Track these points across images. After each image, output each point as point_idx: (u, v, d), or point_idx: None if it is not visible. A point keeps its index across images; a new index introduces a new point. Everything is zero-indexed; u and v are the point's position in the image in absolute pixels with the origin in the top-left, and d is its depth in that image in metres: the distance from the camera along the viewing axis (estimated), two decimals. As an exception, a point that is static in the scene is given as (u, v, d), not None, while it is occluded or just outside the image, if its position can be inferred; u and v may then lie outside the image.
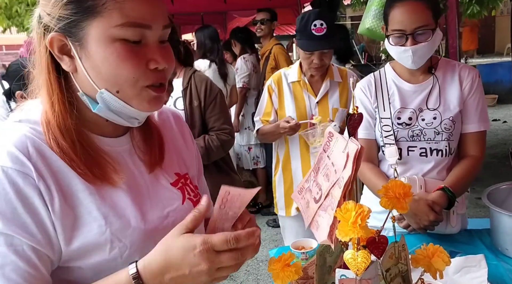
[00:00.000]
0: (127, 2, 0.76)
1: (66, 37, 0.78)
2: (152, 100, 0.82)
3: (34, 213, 0.76)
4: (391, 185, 0.81)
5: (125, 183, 0.86)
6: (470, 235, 1.76)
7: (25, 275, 0.74)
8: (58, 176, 0.79)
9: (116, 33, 0.76)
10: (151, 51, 0.80)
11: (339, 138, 0.77)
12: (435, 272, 0.85)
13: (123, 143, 0.91)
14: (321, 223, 0.79)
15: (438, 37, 1.67)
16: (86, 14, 0.76)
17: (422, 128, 1.73)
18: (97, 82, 0.80)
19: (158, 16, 0.79)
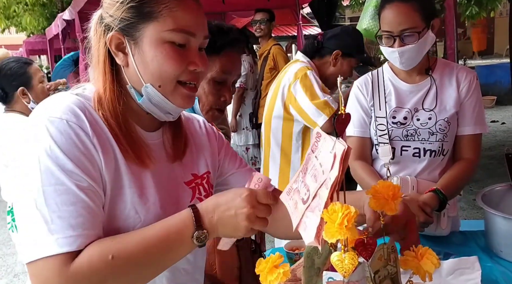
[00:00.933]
0: (179, 12, 0.92)
1: (123, 36, 0.93)
2: (185, 97, 0.97)
3: (93, 161, 0.88)
4: (380, 186, 0.80)
5: (153, 169, 0.98)
6: (465, 237, 1.75)
7: (92, 212, 0.86)
8: (106, 141, 0.92)
9: (167, 36, 0.91)
10: (192, 55, 0.95)
11: (327, 139, 0.77)
12: (424, 274, 0.84)
13: (155, 137, 1.04)
14: (308, 224, 0.78)
15: (430, 38, 1.66)
16: (144, 18, 0.91)
17: (416, 128, 1.73)
18: (144, 76, 0.94)
19: (201, 27, 0.96)
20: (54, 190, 0.83)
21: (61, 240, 0.81)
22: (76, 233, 0.82)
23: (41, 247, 0.81)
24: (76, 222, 0.83)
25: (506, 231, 1.52)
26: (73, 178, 0.84)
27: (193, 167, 1.11)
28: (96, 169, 0.88)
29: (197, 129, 1.19)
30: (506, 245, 1.53)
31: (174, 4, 0.92)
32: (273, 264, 0.87)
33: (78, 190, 0.84)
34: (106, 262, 0.82)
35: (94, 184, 0.87)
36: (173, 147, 1.06)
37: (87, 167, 0.87)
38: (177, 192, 1.04)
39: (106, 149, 0.91)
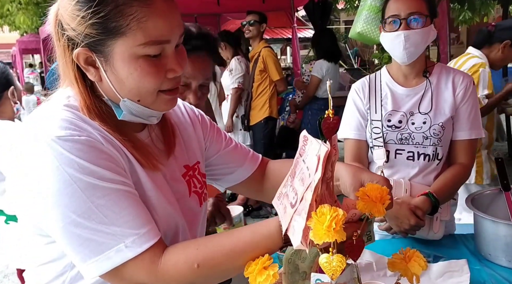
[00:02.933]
0: (149, 21, 0.82)
1: (92, 52, 0.85)
2: (168, 102, 0.93)
3: (119, 163, 0.87)
4: (368, 188, 0.80)
5: (163, 170, 0.98)
6: (455, 240, 1.76)
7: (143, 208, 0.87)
8: (118, 147, 0.90)
9: (140, 51, 0.83)
10: (170, 61, 0.88)
11: (313, 142, 0.77)
12: (412, 277, 0.85)
13: (144, 137, 1.00)
14: (296, 228, 0.78)
15: (432, 33, 1.68)
16: (111, 34, 0.82)
17: (411, 132, 1.74)
18: (120, 92, 0.88)
19: (176, 29, 0.87)
20: (106, 201, 0.82)
21: (139, 240, 0.82)
22: (148, 228, 0.84)
23: (120, 254, 0.81)
24: (141, 220, 0.84)
25: (494, 235, 1.53)
26: (116, 183, 0.84)
27: (184, 159, 1.09)
28: (123, 169, 0.88)
29: (180, 117, 1.15)
30: (495, 248, 1.54)
31: (142, 13, 0.81)
32: (263, 266, 0.87)
33: (124, 192, 0.85)
34: (192, 269, 0.84)
35: (131, 183, 0.88)
36: (164, 142, 1.04)
37: (119, 170, 0.86)
38: (175, 187, 1.03)
39: (122, 154, 0.90)
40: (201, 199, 1.10)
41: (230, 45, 4.68)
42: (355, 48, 14.04)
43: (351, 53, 13.47)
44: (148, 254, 0.83)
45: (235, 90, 4.58)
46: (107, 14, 0.81)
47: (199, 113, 1.21)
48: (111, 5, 0.81)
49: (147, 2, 0.82)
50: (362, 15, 3.24)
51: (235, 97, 4.59)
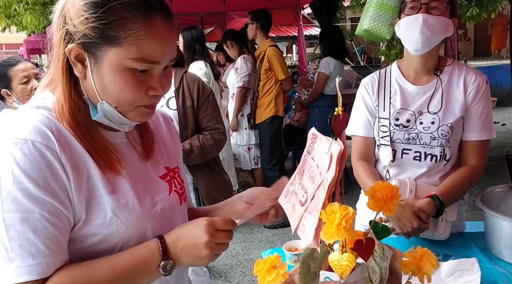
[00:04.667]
0: (146, 41, 0.86)
1: (84, 51, 0.88)
2: (144, 115, 0.96)
3: (60, 182, 0.86)
4: (378, 186, 0.79)
5: (125, 171, 0.97)
6: (464, 238, 1.74)
7: (55, 238, 0.85)
8: (74, 153, 0.89)
9: (129, 64, 0.87)
10: (154, 80, 0.91)
11: (323, 140, 0.76)
12: (423, 276, 0.84)
13: (121, 136, 1.01)
14: (307, 226, 0.77)
15: (450, 28, 1.63)
16: (107, 41, 0.86)
17: (418, 132, 1.70)
18: (101, 95, 0.91)
19: (168, 53, 0.91)
20: (14, 217, 0.81)
21: (20, 269, 0.81)
22: (36, 262, 0.82)
23: (2, 275, 0.81)
24: (36, 250, 0.82)
25: (506, 233, 1.51)
26: (37, 203, 0.83)
27: (165, 160, 1.11)
28: (63, 189, 0.86)
29: (161, 123, 1.17)
30: (506, 246, 1.52)
31: (143, 32, 0.86)
32: (272, 265, 0.86)
33: (40, 216, 0.83)
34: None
35: (60, 206, 0.85)
36: (142, 145, 1.06)
37: (53, 188, 0.85)
38: (154, 188, 1.04)
39: (76, 162, 0.89)
40: (181, 198, 1.12)
41: (236, 43, 4.68)
42: (362, 46, 13.99)
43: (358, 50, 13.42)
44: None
45: (240, 89, 4.58)
46: (110, 22, 0.85)
47: (175, 129, 1.24)
48: (116, 16, 0.85)
49: (149, 23, 0.86)
50: (369, 12, 3.21)
51: (240, 97, 4.58)
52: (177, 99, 2.32)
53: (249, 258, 3.80)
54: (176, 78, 2.35)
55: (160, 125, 1.16)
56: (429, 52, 1.67)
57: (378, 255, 0.87)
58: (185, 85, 2.34)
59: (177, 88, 2.33)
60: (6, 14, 9.60)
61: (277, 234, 4.26)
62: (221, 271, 3.61)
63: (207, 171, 2.44)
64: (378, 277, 0.86)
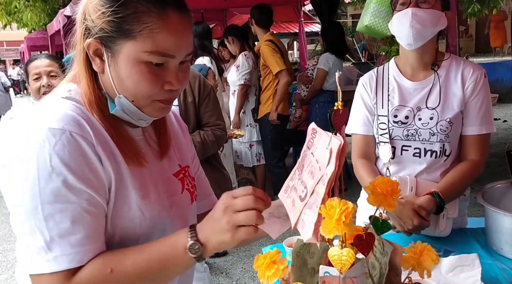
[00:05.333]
0: (160, 33, 0.86)
1: (102, 45, 0.90)
2: (160, 110, 0.96)
3: (97, 172, 0.88)
4: (378, 181, 0.79)
5: (148, 166, 0.99)
6: (465, 234, 1.74)
7: (91, 226, 0.87)
8: (106, 146, 0.91)
9: (144, 57, 0.87)
10: (170, 74, 0.91)
11: (323, 134, 0.76)
12: (423, 271, 0.84)
13: (138, 133, 1.03)
14: (306, 221, 0.77)
15: (442, 21, 1.62)
16: (123, 34, 0.87)
17: (417, 128, 1.69)
18: (118, 89, 0.92)
19: (183, 47, 0.91)
20: (53, 207, 0.83)
21: (60, 258, 0.83)
22: (75, 250, 0.84)
23: (40, 263, 0.83)
24: (75, 239, 0.85)
25: (506, 229, 1.51)
26: (75, 193, 0.85)
27: (177, 158, 1.12)
28: (99, 179, 0.89)
29: (172, 120, 1.18)
30: (507, 242, 1.52)
31: (157, 25, 0.86)
32: (271, 260, 0.86)
33: (78, 206, 0.85)
34: (105, 276, 0.86)
35: (96, 196, 0.88)
36: (159, 143, 1.07)
37: (90, 179, 0.87)
38: (169, 186, 1.05)
39: (108, 153, 0.91)
40: (193, 196, 1.12)
41: (237, 39, 4.66)
42: (363, 42, 13.96)
43: (359, 47, 13.40)
44: (62, 274, 0.84)
45: (241, 87, 4.56)
46: (125, 16, 0.86)
47: (185, 126, 1.25)
48: (131, 10, 0.86)
49: (163, 16, 0.87)
50: (369, 8, 3.21)
51: (241, 94, 4.57)
52: (178, 95, 2.32)
53: (249, 254, 3.80)
54: None
55: (171, 122, 1.17)
56: (424, 47, 1.66)
57: (378, 250, 0.87)
58: (186, 82, 2.34)
59: (178, 84, 2.34)
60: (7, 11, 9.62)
61: (278, 231, 4.26)
62: (222, 267, 3.61)
63: (208, 167, 2.44)
64: (377, 272, 0.86)
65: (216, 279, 3.41)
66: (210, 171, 2.46)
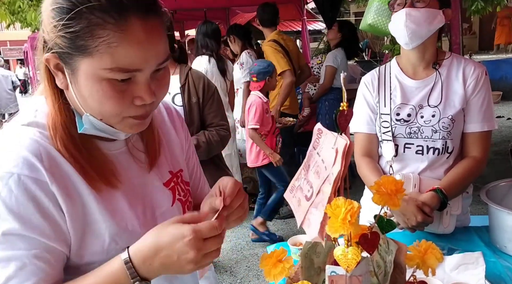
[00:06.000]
0: (120, 48, 0.75)
1: (60, 60, 0.80)
2: (134, 126, 0.86)
3: (49, 216, 0.81)
4: (383, 181, 0.80)
5: (123, 186, 0.91)
6: (469, 232, 1.75)
7: (42, 275, 0.80)
8: (67, 180, 0.83)
9: (105, 74, 0.77)
10: (139, 89, 0.80)
11: (328, 135, 0.77)
12: (428, 269, 0.85)
13: (119, 146, 0.94)
14: (312, 221, 0.78)
15: (439, 18, 1.63)
16: (78, 51, 0.77)
17: (420, 125, 1.71)
18: (83, 107, 0.83)
19: (152, 58, 0.79)
20: (1, 255, 0.78)
21: None
22: None
23: None
24: None
25: (510, 227, 1.52)
26: (22, 241, 0.78)
27: (168, 165, 1.03)
28: (55, 224, 0.82)
29: (164, 118, 1.07)
30: (510, 240, 1.52)
31: (115, 38, 0.74)
32: (277, 259, 0.87)
33: (27, 253, 0.79)
34: None
35: (51, 242, 0.81)
36: (146, 152, 0.97)
37: (41, 226, 0.80)
38: (155, 199, 0.97)
39: (69, 190, 0.83)
40: (185, 207, 1.04)
41: (239, 38, 4.67)
42: (366, 40, 13.93)
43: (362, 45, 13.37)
44: None
45: (246, 84, 4.57)
46: (77, 31, 0.75)
47: (181, 117, 1.14)
48: (83, 23, 0.75)
49: (121, 28, 0.75)
50: (373, 6, 3.22)
51: (246, 92, 4.58)
52: (182, 96, 2.33)
53: (254, 252, 3.82)
54: (181, 75, 2.37)
55: (163, 120, 1.07)
56: (423, 45, 1.68)
57: (383, 249, 0.88)
58: (190, 82, 2.35)
59: (182, 85, 2.35)
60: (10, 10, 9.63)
61: (281, 229, 4.28)
62: (226, 266, 3.63)
63: (212, 167, 2.46)
64: (382, 270, 0.87)
65: (221, 278, 3.43)
66: (214, 171, 2.47)
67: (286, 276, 0.90)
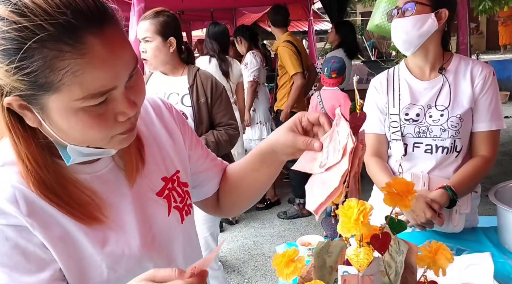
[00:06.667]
0: (86, 74, 0.67)
1: (25, 102, 0.71)
2: (123, 142, 0.81)
3: (38, 261, 0.77)
4: (394, 182, 0.81)
5: (112, 216, 0.86)
6: (477, 233, 1.75)
7: None
8: (51, 221, 0.79)
9: (78, 104, 0.70)
10: (119, 105, 0.74)
11: (345, 125, 0.80)
12: (438, 270, 0.86)
13: (103, 165, 0.88)
14: (315, 191, 0.81)
15: (430, 22, 1.66)
16: (42, 90, 0.68)
17: (428, 125, 1.73)
18: (65, 140, 0.76)
19: (122, 73, 0.72)
20: None
21: None
22: None
23: None
24: None
25: (519, 228, 1.53)
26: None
27: (161, 171, 0.96)
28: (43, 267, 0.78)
29: (152, 119, 1.00)
30: (519, 241, 1.53)
31: (77, 66, 0.66)
32: (289, 258, 0.89)
33: None
34: None
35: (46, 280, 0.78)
36: (128, 163, 0.90)
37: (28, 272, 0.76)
38: (150, 213, 0.92)
39: (53, 231, 0.79)
40: (182, 213, 0.99)
41: (245, 39, 4.72)
42: (372, 40, 13.91)
43: (368, 45, 13.35)
44: None
45: (250, 84, 4.60)
46: (34, 70, 0.66)
47: (176, 113, 1.06)
48: (38, 61, 0.66)
49: (81, 52, 0.66)
50: (380, 7, 3.23)
51: (251, 91, 4.61)
52: (191, 96, 2.35)
53: (261, 252, 3.83)
54: (189, 75, 2.39)
55: (151, 121, 0.99)
56: (424, 48, 1.72)
57: (394, 249, 0.89)
58: (198, 82, 2.37)
59: (191, 85, 2.37)
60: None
61: (288, 229, 4.29)
62: (234, 265, 3.65)
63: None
64: (393, 271, 0.89)
65: (228, 277, 3.45)
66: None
67: (298, 276, 0.91)
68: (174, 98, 2.35)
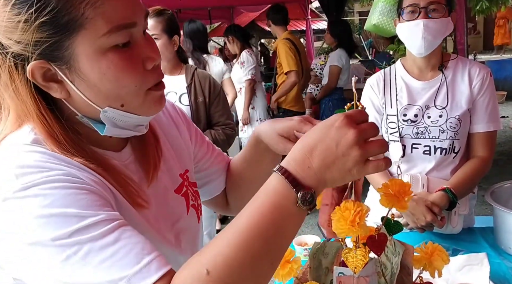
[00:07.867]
0: (106, 5, 0.67)
1: (49, 63, 0.69)
2: (157, 101, 0.77)
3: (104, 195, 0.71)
4: (391, 183, 0.81)
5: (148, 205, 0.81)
6: (474, 233, 1.76)
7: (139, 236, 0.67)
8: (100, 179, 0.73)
9: (105, 42, 0.68)
10: (142, 49, 0.73)
11: None
12: (434, 271, 0.86)
13: (127, 155, 0.84)
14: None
15: (450, 26, 1.66)
16: (66, 31, 0.66)
17: (427, 126, 1.72)
18: (98, 102, 0.72)
19: (138, 9, 0.72)
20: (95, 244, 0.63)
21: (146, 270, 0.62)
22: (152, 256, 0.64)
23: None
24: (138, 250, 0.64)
25: (515, 228, 1.53)
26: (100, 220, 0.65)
27: (176, 167, 0.93)
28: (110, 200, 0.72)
29: (162, 118, 0.97)
30: (515, 242, 1.53)
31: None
32: (285, 259, 0.89)
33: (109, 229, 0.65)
34: (202, 279, 0.61)
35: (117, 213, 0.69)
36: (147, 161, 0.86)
37: (102, 202, 0.68)
38: (171, 210, 0.88)
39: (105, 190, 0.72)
40: (198, 213, 0.95)
41: (237, 39, 4.70)
42: (370, 40, 13.89)
43: (366, 44, 13.35)
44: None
45: (248, 82, 4.59)
46: (54, 7, 0.65)
47: (180, 110, 1.04)
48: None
49: None
50: (378, 6, 3.22)
51: (249, 89, 4.59)
52: (189, 95, 2.35)
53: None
54: (187, 74, 2.39)
55: (160, 120, 0.96)
56: (432, 51, 1.70)
57: (390, 250, 0.89)
58: (196, 82, 2.37)
59: (189, 84, 2.37)
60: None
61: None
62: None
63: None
64: (389, 272, 0.89)
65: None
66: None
67: (294, 277, 0.91)
68: (172, 97, 2.35)
